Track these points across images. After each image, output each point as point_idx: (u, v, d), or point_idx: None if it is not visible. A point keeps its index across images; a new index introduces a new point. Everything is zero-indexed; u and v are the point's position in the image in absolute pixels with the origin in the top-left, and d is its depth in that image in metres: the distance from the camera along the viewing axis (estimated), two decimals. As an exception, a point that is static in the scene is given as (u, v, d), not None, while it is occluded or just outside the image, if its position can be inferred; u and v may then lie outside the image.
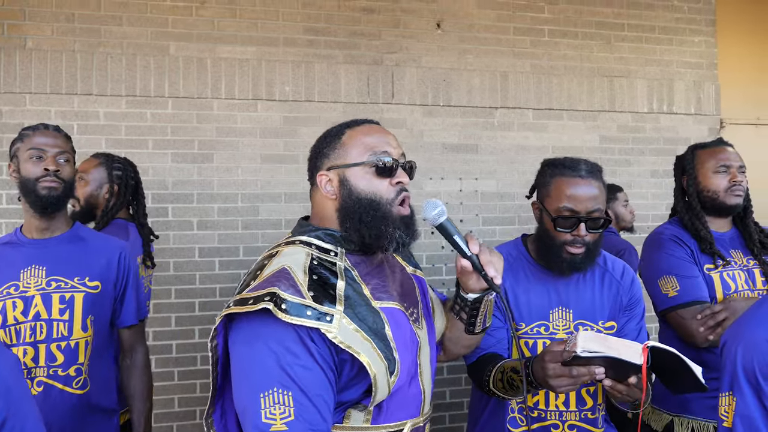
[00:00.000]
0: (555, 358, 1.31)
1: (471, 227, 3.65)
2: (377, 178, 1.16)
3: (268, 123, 3.38)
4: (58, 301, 1.73)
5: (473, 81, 3.67)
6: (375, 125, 1.25)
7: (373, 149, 1.18)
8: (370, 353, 1.06)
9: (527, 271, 1.66)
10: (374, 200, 1.15)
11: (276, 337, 1.02)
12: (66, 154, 1.81)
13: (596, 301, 1.65)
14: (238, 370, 1.05)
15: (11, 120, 3.12)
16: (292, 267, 1.09)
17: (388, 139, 1.21)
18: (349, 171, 1.17)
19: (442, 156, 3.61)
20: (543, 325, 1.62)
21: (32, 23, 3.17)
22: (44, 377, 1.72)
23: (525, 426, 1.62)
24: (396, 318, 1.17)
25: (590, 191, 1.56)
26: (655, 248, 2.01)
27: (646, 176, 3.93)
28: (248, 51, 3.38)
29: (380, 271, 1.22)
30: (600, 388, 1.64)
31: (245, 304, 1.03)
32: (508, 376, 1.47)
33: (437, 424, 3.52)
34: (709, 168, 1.98)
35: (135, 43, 3.26)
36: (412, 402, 1.18)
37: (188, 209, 3.29)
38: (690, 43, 4.04)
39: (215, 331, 1.09)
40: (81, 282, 1.77)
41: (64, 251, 1.78)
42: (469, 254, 1.20)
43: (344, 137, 1.21)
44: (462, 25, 3.68)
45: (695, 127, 4.02)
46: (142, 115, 3.26)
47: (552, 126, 3.79)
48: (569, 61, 3.83)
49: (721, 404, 1.17)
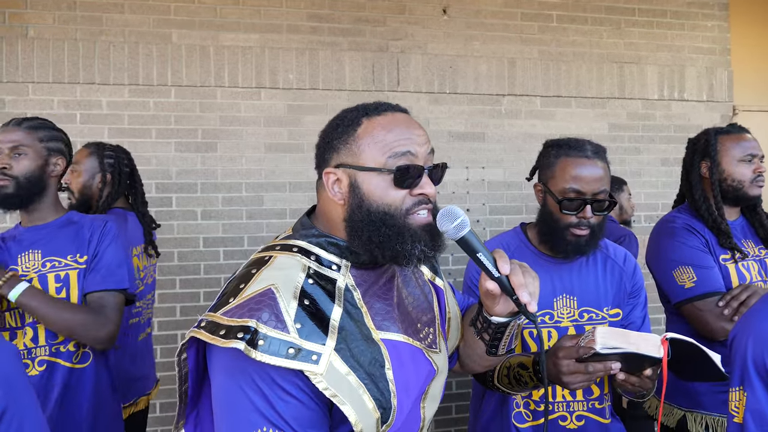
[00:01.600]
0: (569, 355, 1.26)
1: (478, 216, 3.61)
2: (395, 189, 0.97)
3: (272, 111, 3.35)
4: (54, 280, 1.74)
5: (480, 68, 3.61)
6: (399, 114, 1.02)
7: (393, 150, 0.97)
8: (359, 404, 0.91)
9: (529, 259, 1.62)
10: (387, 213, 0.97)
11: (260, 371, 0.88)
12: (23, 148, 1.75)
13: (600, 287, 1.62)
14: (221, 404, 0.91)
15: (14, 110, 3.10)
16: (279, 288, 0.93)
17: (413, 134, 0.99)
18: (363, 175, 0.98)
19: (449, 144, 3.57)
20: (547, 313, 1.58)
21: (34, 11, 3.14)
22: (46, 356, 1.73)
23: (532, 421, 1.59)
24: (400, 354, 1.01)
25: (596, 172, 1.52)
26: (666, 237, 1.94)
27: (656, 164, 3.87)
28: (251, 38, 3.34)
29: (387, 290, 1.06)
30: (606, 377, 1.60)
31: (216, 333, 0.88)
32: (515, 371, 1.43)
33: (443, 415, 3.51)
34: (734, 156, 1.90)
35: (137, 31, 3.23)
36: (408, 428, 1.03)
37: (192, 199, 3.27)
38: (702, 28, 3.95)
39: (184, 346, 0.95)
40: (73, 259, 1.77)
41: (59, 234, 1.80)
42: (497, 275, 0.99)
43: (360, 129, 1.00)
44: (468, 10, 3.62)
45: (707, 114, 3.94)
46: (144, 104, 3.23)
47: (560, 113, 3.73)
48: (578, 47, 3.76)
49: (732, 399, 1.14)
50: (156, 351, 3.16)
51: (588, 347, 1.22)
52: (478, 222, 3.61)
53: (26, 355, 1.73)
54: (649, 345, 1.20)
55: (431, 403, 1.09)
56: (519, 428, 1.59)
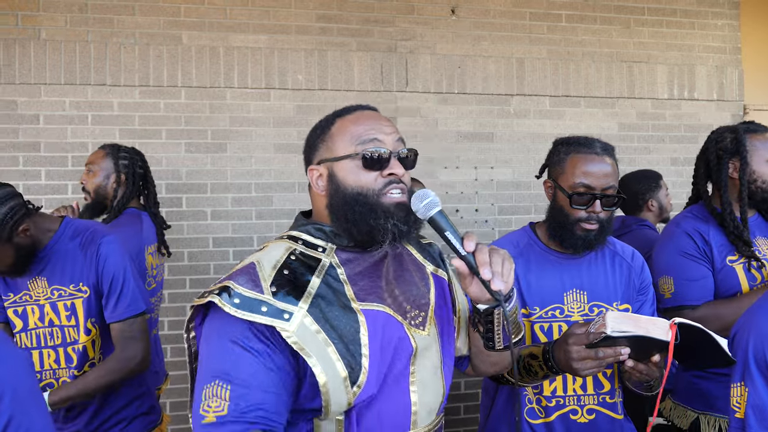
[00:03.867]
0: (579, 341, 1.28)
1: (486, 217, 3.61)
2: (365, 171, 1.06)
3: (281, 112, 3.36)
4: (63, 308, 1.79)
5: (488, 68, 3.61)
6: (367, 111, 1.13)
7: (361, 138, 1.07)
8: (326, 360, 0.98)
9: (538, 256, 1.66)
10: (361, 193, 1.05)
11: (231, 333, 0.96)
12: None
13: (609, 282, 1.65)
14: (199, 363, 1.00)
15: (27, 111, 3.14)
16: (261, 262, 1.04)
17: (379, 125, 1.09)
18: (337, 165, 1.08)
19: (457, 144, 3.57)
20: (558, 308, 1.61)
21: (46, 14, 3.17)
22: (67, 377, 1.79)
23: (544, 417, 1.59)
24: (379, 321, 1.06)
25: (605, 168, 1.57)
26: (665, 240, 1.96)
27: (666, 164, 3.84)
28: (260, 39, 3.36)
29: (374, 271, 1.11)
30: (616, 371, 1.62)
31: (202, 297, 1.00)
32: (525, 362, 1.44)
33: (452, 415, 3.51)
34: (763, 156, 1.85)
35: (148, 33, 3.25)
36: (397, 415, 1.06)
37: (202, 199, 3.29)
38: (713, 27, 3.93)
39: (192, 322, 1.04)
40: (76, 288, 1.78)
41: (56, 259, 1.77)
42: (463, 253, 1.02)
43: (333, 128, 1.11)
44: (477, 10, 3.62)
45: (717, 113, 3.92)
46: (155, 105, 3.25)
47: (569, 113, 3.72)
48: (587, 46, 3.75)
49: (733, 395, 1.15)
50: (166, 350, 3.18)
51: (598, 332, 1.24)
52: (486, 222, 3.61)
53: (51, 376, 1.80)
54: (658, 329, 1.22)
55: (423, 390, 1.10)
56: (532, 424, 1.60)
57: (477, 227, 3.61)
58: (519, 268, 1.63)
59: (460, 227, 3.57)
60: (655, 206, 2.93)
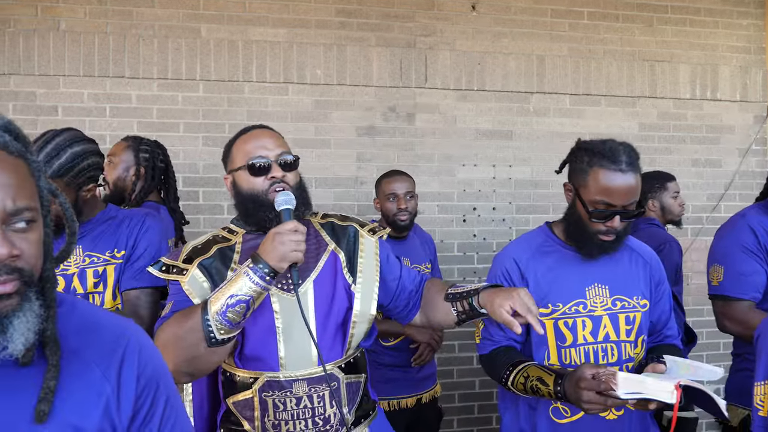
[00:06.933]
0: (591, 387, 1.36)
1: (504, 215, 3.58)
2: (254, 178, 1.40)
3: (300, 107, 3.34)
4: (92, 275, 1.78)
5: (509, 65, 3.57)
6: (258, 130, 1.47)
7: (249, 154, 1.41)
8: (205, 295, 1.36)
9: (558, 254, 1.66)
10: (253, 194, 1.41)
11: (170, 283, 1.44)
12: None
13: (629, 276, 1.65)
14: None
15: (46, 102, 3.13)
16: (189, 243, 1.47)
17: (263, 142, 1.43)
18: (237, 174, 1.43)
19: (476, 142, 3.53)
20: (581, 303, 1.60)
21: (65, 5, 3.16)
22: None
23: (570, 416, 1.57)
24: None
25: (629, 185, 1.52)
26: (726, 229, 2.00)
27: (687, 165, 3.80)
28: (279, 33, 3.34)
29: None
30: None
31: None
32: (532, 384, 1.48)
33: (466, 414, 3.49)
34: None
35: (166, 25, 3.24)
36: (266, 357, 1.39)
37: (219, 193, 3.28)
38: (737, 26, 3.87)
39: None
40: (111, 254, 1.80)
41: (97, 230, 1.82)
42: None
43: (234, 146, 1.46)
44: (498, 6, 3.58)
45: (740, 114, 3.86)
46: (173, 98, 3.24)
47: (589, 112, 3.68)
48: (609, 44, 3.70)
49: (757, 393, 1.19)
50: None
51: (608, 388, 1.33)
52: (503, 221, 3.58)
53: None
54: (664, 392, 1.31)
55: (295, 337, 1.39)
56: (557, 423, 1.58)
57: (494, 226, 3.58)
58: (539, 266, 1.64)
59: (477, 225, 3.54)
60: (656, 207, 2.92)
